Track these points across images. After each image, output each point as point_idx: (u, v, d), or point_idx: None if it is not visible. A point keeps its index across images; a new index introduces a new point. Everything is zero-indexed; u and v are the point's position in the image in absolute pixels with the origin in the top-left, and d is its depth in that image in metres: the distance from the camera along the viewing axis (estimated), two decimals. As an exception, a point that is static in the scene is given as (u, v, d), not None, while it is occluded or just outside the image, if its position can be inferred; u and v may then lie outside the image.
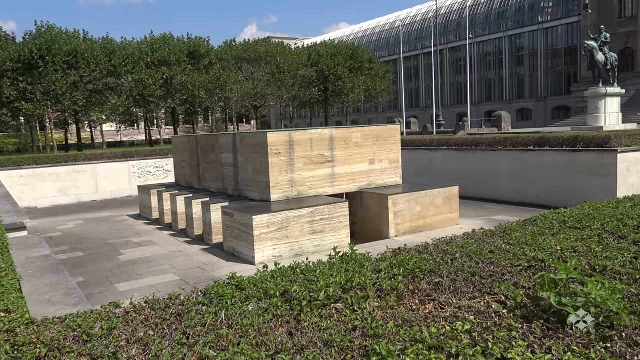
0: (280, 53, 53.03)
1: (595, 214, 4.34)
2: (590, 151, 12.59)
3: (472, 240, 4.05)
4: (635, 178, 12.55)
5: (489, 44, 64.92)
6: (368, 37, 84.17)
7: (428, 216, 9.90)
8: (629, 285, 2.76)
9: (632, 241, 3.53)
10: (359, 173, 10.27)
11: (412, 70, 74.55)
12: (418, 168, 16.94)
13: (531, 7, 60.71)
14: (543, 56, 59.12)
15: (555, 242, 3.66)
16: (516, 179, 14.19)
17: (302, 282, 3.06)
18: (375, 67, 58.91)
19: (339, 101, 59.17)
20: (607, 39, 27.22)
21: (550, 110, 58.20)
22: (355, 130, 10.32)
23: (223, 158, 10.99)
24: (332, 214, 8.65)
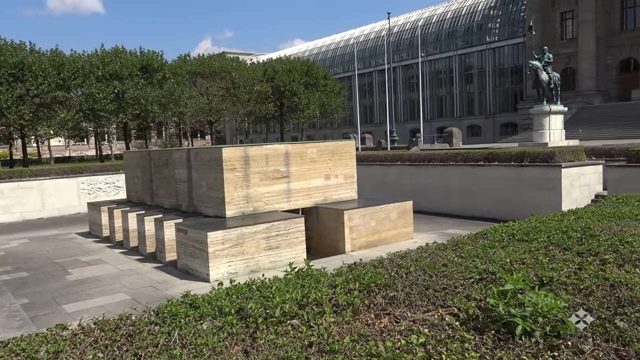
0: (235, 68, 52.90)
1: (541, 227, 4.50)
2: (537, 166, 13.09)
3: (425, 254, 4.12)
4: (579, 192, 13.11)
5: (440, 62, 66.84)
6: (323, 54, 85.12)
7: (383, 230, 10.01)
8: (574, 295, 2.86)
9: (576, 252, 3.67)
10: (314, 188, 10.31)
11: (366, 86, 75.78)
12: (373, 183, 17.15)
13: (479, 27, 63.03)
14: (491, 75, 61.32)
15: (504, 255, 3.76)
16: (467, 193, 14.57)
17: (257, 299, 3.03)
18: (330, 83, 59.59)
19: (295, 117, 59.40)
20: (550, 59, 28.54)
21: (499, 126, 60.26)
22: (310, 146, 10.37)
23: (177, 174, 10.81)
24: (288, 230, 8.63)
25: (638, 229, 3.99)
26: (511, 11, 60.39)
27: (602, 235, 3.97)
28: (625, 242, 3.67)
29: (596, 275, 3.14)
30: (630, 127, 39.79)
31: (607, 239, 3.85)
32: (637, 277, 3.02)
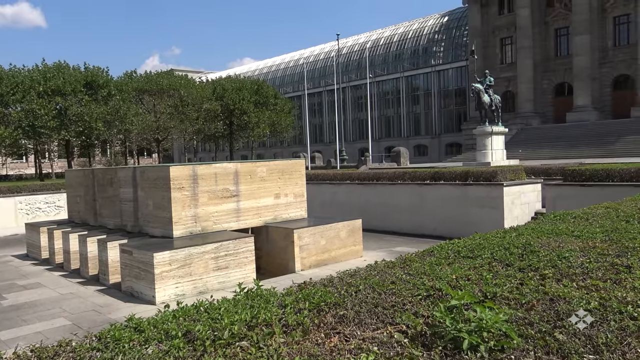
0: (184, 86, 52.25)
1: (485, 244, 4.63)
2: (480, 185, 13.54)
3: (374, 272, 4.16)
4: (519, 210, 13.63)
5: (388, 84, 68.46)
6: (273, 73, 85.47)
7: (333, 249, 10.04)
8: (516, 309, 2.96)
9: (517, 268, 3.80)
10: (264, 207, 10.25)
11: (316, 106, 76.49)
12: (323, 202, 17.23)
13: (424, 50, 65.12)
14: (436, 96, 63.30)
15: (450, 271, 3.85)
16: (415, 211, 14.86)
17: (205, 321, 2.97)
18: (280, 102, 59.80)
19: (244, 135, 59.11)
20: (491, 82, 29.79)
21: (444, 146, 62.08)
22: (260, 165, 10.33)
23: (122, 193, 10.50)
24: (238, 249, 8.52)
25: (574, 245, 4.18)
26: (455, 36, 62.79)
27: (541, 251, 4.13)
28: (563, 258, 3.83)
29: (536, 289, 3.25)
30: (565, 147, 41.91)
31: (546, 255, 4.00)
32: (574, 290, 3.14)
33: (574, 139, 43.64)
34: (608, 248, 3.97)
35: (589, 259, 3.71)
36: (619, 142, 40.62)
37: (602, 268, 3.49)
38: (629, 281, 3.11)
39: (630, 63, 47.18)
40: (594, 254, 3.84)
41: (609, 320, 2.56)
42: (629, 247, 3.92)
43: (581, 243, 4.23)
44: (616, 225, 4.82)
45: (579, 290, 3.07)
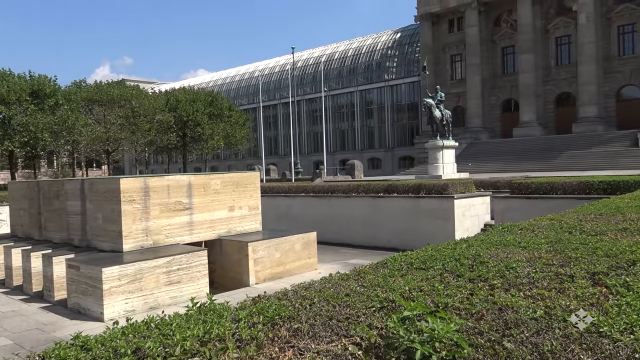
0: (135, 96, 51.13)
1: (437, 255, 4.72)
2: (432, 197, 13.83)
3: (329, 285, 4.17)
4: (470, 222, 13.99)
5: (342, 97, 69.22)
6: (228, 85, 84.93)
7: (287, 262, 10.00)
8: (467, 319, 3.02)
9: (468, 279, 3.89)
10: (218, 220, 10.12)
11: (271, 119, 76.41)
12: (277, 214, 17.16)
13: (378, 66, 66.32)
14: (390, 110, 64.44)
15: (403, 283, 3.90)
16: (369, 223, 15.01)
17: (156, 337, 2.89)
18: (235, 114, 59.37)
19: (198, 147, 58.28)
20: (442, 97, 30.63)
21: (398, 159, 63.13)
22: (214, 177, 10.21)
23: (69, 206, 10.13)
24: (190, 263, 8.36)
25: (521, 256, 4.32)
26: (407, 52, 64.28)
27: (490, 262, 4.23)
28: (511, 268, 3.95)
29: (486, 299, 3.33)
30: (512, 161, 43.43)
31: (495, 266, 4.11)
32: (521, 300, 3.24)
33: (520, 153, 45.29)
34: (552, 258, 4.12)
35: (535, 269, 3.84)
36: (561, 157, 42.44)
37: (547, 278, 3.62)
38: (572, 290, 3.24)
39: (571, 81, 49.54)
40: (539, 264, 3.97)
41: (553, 328, 2.65)
42: (572, 257, 4.09)
43: (527, 254, 4.38)
44: (560, 237, 5.02)
45: (526, 300, 3.17)
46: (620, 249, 4.16)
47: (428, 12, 57.36)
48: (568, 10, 49.88)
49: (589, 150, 42.36)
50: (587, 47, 46.54)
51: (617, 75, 47.56)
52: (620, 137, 43.35)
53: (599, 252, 4.17)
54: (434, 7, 56.98)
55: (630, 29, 47.13)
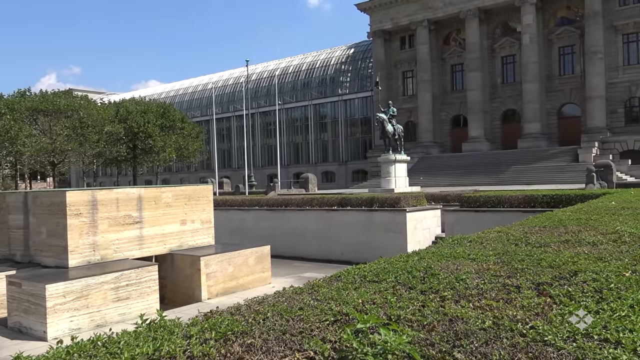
0: (83, 107, 49.60)
1: (390, 268, 4.78)
2: (385, 211, 14.02)
3: (282, 299, 4.14)
4: (421, 234, 14.25)
5: (296, 111, 69.47)
6: (180, 97, 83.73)
7: (241, 276, 9.88)
8: (419, 331, 3.07)
9: (419, 291, 3.96)
10: (169, 234, 9.90)
11: (224, 131, 75.74)
12: (231, 228, 16.96)
13: (332, 80, 67.05)
14: (343, 124, 65.11)
15: (357, 296, 3.92)
16: (323, 237, 15.05)
17: (103, 356, 2.79)
18: (187, 126, 58.53)
19: (149, 159, 57.02)
20: (394, 112, 31.22)
21: (351, 173, 63.73)
22: (166, 190, 10.01)
23: (11, 220, 9.68)
24: (140, 279, 8.13)
25: (470, 267, 4.43)
26: (360, 67, 65.31)
27: (441, 274, 4.32)
28: (461, 280, 4.04)
29: (437, 311, 3.39)
30: (462, 175, 44.65)
31: (445, 277, 4.20)
32: (471, 311, 3.32)
33: (469, 167, 46.63)
34: (500, 270, 4.25)
35: (484, 281, 3.95)
36: (508, 171, 43.97)
37: (495, 289, 3.73)
38: (519, 300, 3.35)
39: (516, 99, 51.57)
40: (487, 276, 4.09)
41: (501, 338, 2.73)
42: (518, 268, 4.23)
43: (476, 265, 4.49)
44: (507, 248, 5.19)
45: (475, 310, 3.25)
46: (562, 260, 4.33)
47: (380, 29, 58.58)
48: (513, 31, 52.08)
49: (533, 165, 44.08)
50: (530, 67, 48.64)
51: (559, 93, 49.89)
52: (562, 153, 45.36)
53: (543, 263, 4.33)
54: (386, 25, 58.25)
55: (570, 50, 49.64)
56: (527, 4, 48.60)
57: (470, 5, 51.86)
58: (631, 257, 4.30)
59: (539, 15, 49.46)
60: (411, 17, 55.84)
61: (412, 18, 55.74)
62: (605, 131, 45.21)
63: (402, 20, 56.80)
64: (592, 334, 2.56)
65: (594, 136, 44.60)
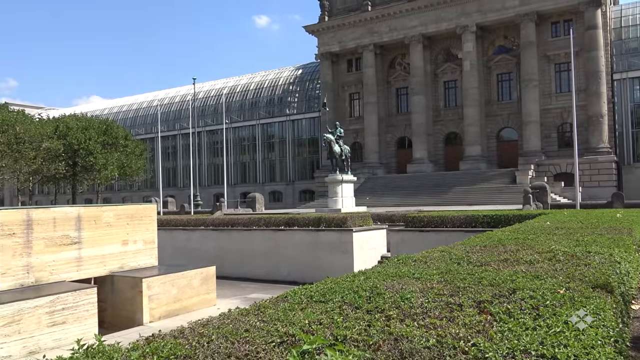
0: (20, 122, 47.41)
1: (336, 288, 4.79)
2: (332, 231, 14.09)
3: (228, 320, 4.08)
4: (367, 254, 14.40)
5: (244, 130, 69.11)
6: (124, 114, 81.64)
7: (185, 298, 9.64)
8: (365, 350, 3.09)
9: (365, 310, 3.99)
10: (110, 255, 9.55)
11: (170, 149, 74.28)
12: (175, 248, 16.55)
13: (280, 100, 67.30)
14: (291, 144, 65.30)
15: (303, 316, 3.91)
16: (270, 257, 14.93)
17: (36, 385, 2.65)
18: (131, 144, 57.01)
19: (90, 177, 54.98)
20: (341, 133, 31.64)
21: (298, 192, 63.78)
22: (107, 209, 9.68)
23: None
24: (77, 302, 7.77)
25: (415, 286, 4.52)
26: (308, 88, 65.96)
27: (387, 293, 4.37)
28: (405, 299, 4.11)
29: (383, 330, 3.42)
30: (407, 195, 45.60)
31: (391, 297, 4.25)
32: (416, 329, 3.37)
33: (414, 188, 47.70)
34: (443, 288, 4.35)
35: (428, 299, 4.03)
36: (451, 192, 45.29)
37: (439, 307, 3.81)
38: (461, 318, 3.43)
39: (458, 122, 53.46)
40: (431, 294, 4.17)
41: (445, 356, 2.79)
42: (460, 287, 4.34)
43: (421, 284, 4.58)
44: (449, 267, 5.32)
45: (420, 329, 3.31)
46: (502, 278, 4.48)
47: (328, 52, 59.54)
48: (454, 57, 54.19)
49: (474, 186, 45.62)
50: (471, 92, 50.65)
51: (497, 118, 52.11)
52: (501, 175, 47.22)
53: (484, 281, 4.46)
54: (333, 47, 59.27)
55: (507, 77, 52.12)
56: (467, 32, 50.79)
57: (414, 32, 53.66)
58: (565, 275, 4.51)
59: (478, 43, 51.75)
60: (358, 40, 57.11)
61: (358, 42, 57.00)
62: (541, 154, 47.49)
63: (349, 43, 57.98)
64: (529, 350, 2.65)
65: (530, 159, 46.74)
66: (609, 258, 5.36)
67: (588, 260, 5.23)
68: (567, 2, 46.79)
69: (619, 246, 6.20)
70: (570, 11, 47.42)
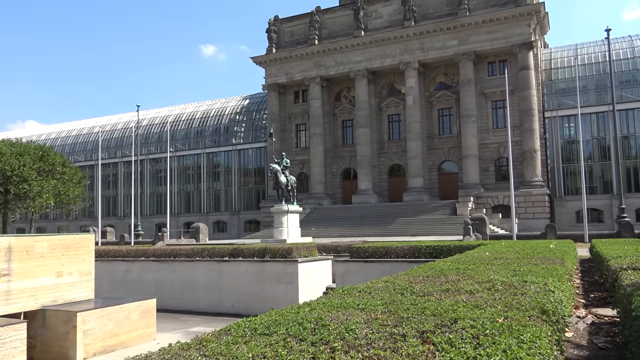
0: (-54, 146, 44.77)
1: (281, 320, 4.74)
2: (277, 261, 13.98)
3: (167, 356, 3.94)
4: (312, 285, 14.34)
5: (189, 159, 68.07)
6: (63, 140, 78.72)
7: (122, 333, 9.23)
8: (309, 383, 3.06)
9: (310, 342, 3.96)
10: (42, 288, 9.05)
11: (110, 177, 71.98)
12: (113, 280, 15.90)
13: (226, 129, 66.96)
14: (237, 174, 64.78)
15: (247, 350, 3.84)
16: (213, 288, 14.60)
17: None
18: (69, 171, 54.79)
19: (23, 206, 52.25)
20: (287, 164, 31.78)
21: (244, 223, 63.05)
22: (40, 239, 9.22)
23: None
24: (4, 339, 7.29)
25: (359, 317, 4.54)
26: (255, 118, 66.04)
27: (332, 325, 4.36)
28: (350, 330, 4.12)
29: (327, 362, 3.41)
30: (352, 226, 46.00)
31: (335, 328, 4.25)
32: (360, 361, 3.38)
33: (359, 219, 48.20)
34: (387, 319, 4.39)
35: (372, 330, 4.05)
36: (395, 223, 46.06)
37: (383, 338, 3.84)
38: (405, 349, 3.47)
39: (401, 155, 54.87)
40: (375, 325, 4.20)
41: (388, 386, 2.80)
42: (404, 317, 4.40)
43: (365, 315, 4.61)
44: (393, 298, 5.38)
45: (364, 360, 3.32)
46: (444, 308, 4.58)
47: (275, 83, 60.08)
48: (398, 92, 55.96)
49: (417, 217, 46.63)
50: (413, 126, 52.26)
51: (439, 151, 53.88)
52: (443, 206, 48.56)
53: (427, 311, 4.54)
54: (280, 79, 59.90)
55: (448, 112, 54.22)
56: (410, 68, 52.69)
57: (360, 66, 55.13)
58: (503, 304, 4.66)
59: (420, 79, 53.74)
60: (305, 73, 58.02)
61: (305, 74, 57.91)
62: (480, 187, 49.30)
63: (296, 75, 58.78)
64: (470, 379, 2.72)
65: (469, 191, 48.40)
66: (544, 287, 5.59)
67: (524, 289, 5.43)
68: (502, 44, 49.57)
69: (553, 276, 6.48)
70: (505, 52, 50.22)
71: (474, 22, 50.06)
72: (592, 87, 50.12)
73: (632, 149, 48.45)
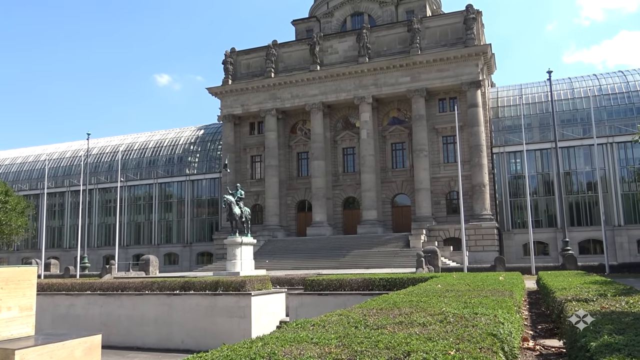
0: None
1: (232, 355, 4.65)
2: (230, 295, 13.72)
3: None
4: (266, 319, 14.12)
5: (140, 189, 66.48)
6: (6, 167, 75.56)
7: (64, 372, 8.75)
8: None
9: (263, 378, 3.89)
10: (-23, 325, 8.52)
11: (57, 207, 69.33)
12: (56, 315, 15.17)
13: (180, 160, 66.04)
14: (190, 205, 63.65)
15: (198, 387, 3.74)
16: (163, 323, 14.14)
17: None
18: (11, 200, 52.39)
19: (-42, 237, 49.45)
20: (242, 195, 31.56)
21: (196, 255, 61.68)
22: (-22, 273, 8.72)
23: None
24: None
25: (313, 351, 4.50)
26: (209, 149, 65.50)
27: (285, 360, 4.31)
28: (304, 364, 4.08)
29: (280, 398, 3.36)
30: (306, 258, 45.77)
31: (289, 363, 4.20)
32: (313, 396, 3.35)
33: (313, 251, 48.06)
34: (341, 353, 4.38)
35: (326, 364, 4.03)
36: (349, 255, 46.17)
37: (337, 372, 3.82)
38: (358, 382, 3.46)
39: (355, 187, 55.47)
40: (329, 359, 4.18)
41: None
42: (358, 350, 4.40)
43: (319, 349, 4.58)
44: (347, 331, 5.38)
45: (318, 395, 3.29)
46: (397, 341, 4.61)
47: (231, 114, 60.03)
48: (352, 125, 56.93)
49: (371, 250, 46.93)
50: (367, 159, 53.11)
51: (392, 184, 54.81)
52: (396, 239, 49.13)
53: (380, 344, 4.56)
54: (236, 110, 59.94)
55: (401, 146, 55.49)
56: (364, 103, 53.87)
57: (315, 100, 55.93)
58: (455, 336, 4.73)
59: (374, 114, 54.97)
60: (261, 105, 58.31)
61: (261, 106, 58.20)
62: (432, 220, 50.26)
63: (252, 107, 58.98)
64: (422, 412, 2.73)
65: (422, 224, 49.25)
66: (494, 319, 5.71)
67: (475, 321, 5.54)
68: (452, 82, 51.54)
69: (502, 308, 6.64)
70: (455, 90, 52.19)
71: (425, 60, 51.91)
72: (537, 124, 52.56)
73: (573, 184, 50.78)
